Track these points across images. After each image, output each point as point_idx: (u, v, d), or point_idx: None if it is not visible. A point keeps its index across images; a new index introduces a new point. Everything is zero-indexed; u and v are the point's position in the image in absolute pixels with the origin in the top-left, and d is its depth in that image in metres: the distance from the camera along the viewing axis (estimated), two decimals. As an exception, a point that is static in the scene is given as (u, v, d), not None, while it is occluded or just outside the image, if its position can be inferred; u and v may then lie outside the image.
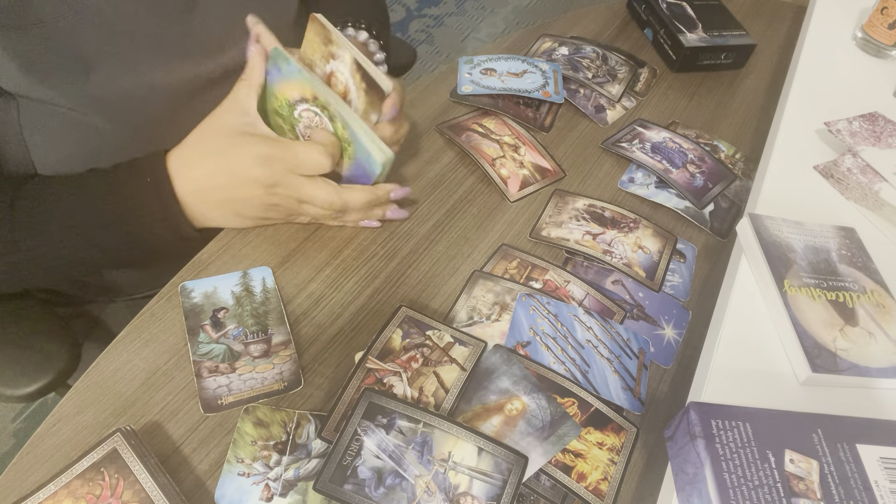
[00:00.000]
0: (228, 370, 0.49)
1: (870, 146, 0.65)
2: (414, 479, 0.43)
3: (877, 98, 0.73)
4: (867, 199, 0.61)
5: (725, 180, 0.70)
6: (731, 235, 0.66)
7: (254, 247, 0.58)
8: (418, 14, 2.27)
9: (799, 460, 0.39)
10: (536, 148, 0.71)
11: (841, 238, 0.55)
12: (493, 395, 0.49)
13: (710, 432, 0.40)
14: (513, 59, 0.79)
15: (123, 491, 0.42)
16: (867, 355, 0.47)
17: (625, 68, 0.82)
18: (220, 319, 0.52)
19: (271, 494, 0.43)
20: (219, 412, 0.48)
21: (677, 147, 0.72)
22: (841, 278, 0.52)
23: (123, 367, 0.50)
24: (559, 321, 0.55)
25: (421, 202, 0.65)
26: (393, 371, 0.49)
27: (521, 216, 0.65)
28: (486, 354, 0.51)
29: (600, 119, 0.76)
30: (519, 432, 0.47)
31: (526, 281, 0.58)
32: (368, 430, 0.45)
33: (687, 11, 0.87)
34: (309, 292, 0.56)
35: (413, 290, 0.57)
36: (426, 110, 0.74)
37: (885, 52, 0.80)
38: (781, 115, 0.71)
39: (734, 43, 0.83)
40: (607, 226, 0.63)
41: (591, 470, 0.47)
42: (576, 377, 0.52)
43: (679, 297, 0.60)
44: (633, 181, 0.69)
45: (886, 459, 0.41)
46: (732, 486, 0.38)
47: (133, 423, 0.47)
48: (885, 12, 0.77)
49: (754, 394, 0.45)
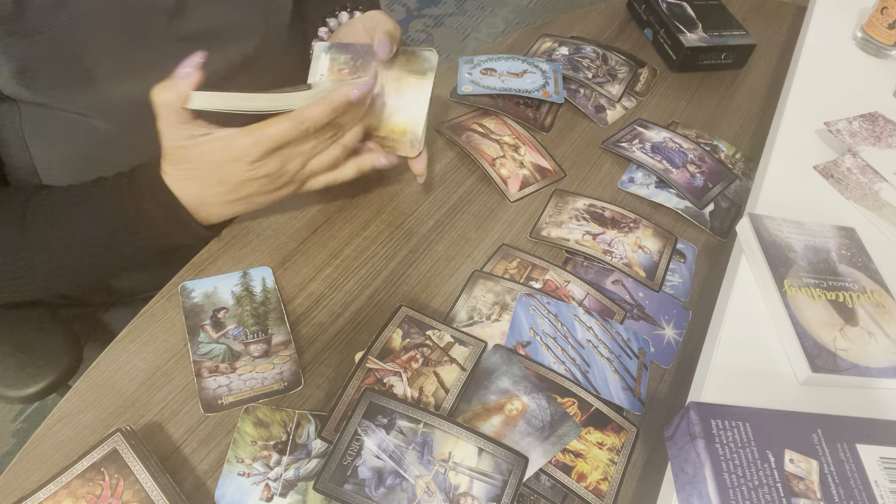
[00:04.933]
0: (228, 370, 0.49)
1: (870, 146, 0.64)
2: (414, 479, 0.43)
3: (877, 98, 0.73)
4: (867, 199, 0.61)
5: (725, 180, 0.70)
6: (731, 235, 0.66)
7: (254, 247, 0.58)
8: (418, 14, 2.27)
9: (799, 460, 0.39)
10: (536, 148, 0.71)
11: (841, 238, 0.55)
12: (494, 395, 0.49)
13: (709, 432, 0.40)
14: (513, 59, 0.79)
15: (123, 491, 0.42)
16: (867, 355, 0.47)
17: (625, 68, 0.82)
18: (220, 319, 0.52)
19: (271, 494, 0.43)
20: (219, 412, 0.48)
21: (677, 147, 0.72)
22: (841, 278, 0.52)
23: (123, 367, 0.50)
24: (559, 321, 0.55)
25: (421, 202, 0.65)
26: (393, 371, 0.49)
27: (522, 216, 0.65)
28: (486, 354, 0.51)
29: (600, 119, 0.76)
30: (519, 432, 0.47)
31: (526, 281, 0.58)
32: (369, 430, 0.45)
33: (687, 11, 0.87)
34: (309, 292, 0.56)
35: (413, 289, 0.57)
36: (426, 110, 0.74)
37: (885, 52, 0.80)
38: (781, 115, 0.71)
39: (734, 43, 0.83)
40: (607, 226, 0.63)
41: (592, 470, 0.47)
42: (576, 377, 0.52)
43: (679, 297, 0.60)
44: (633, 181, 0.69)
45: (886, 459, 0.41)
46: (732, 486, 0.38)
47: (133, 423, 0.47)
48: (885, 12, 0.77)
49: (754, 394, 0.45)
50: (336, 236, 0.60)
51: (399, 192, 0.65)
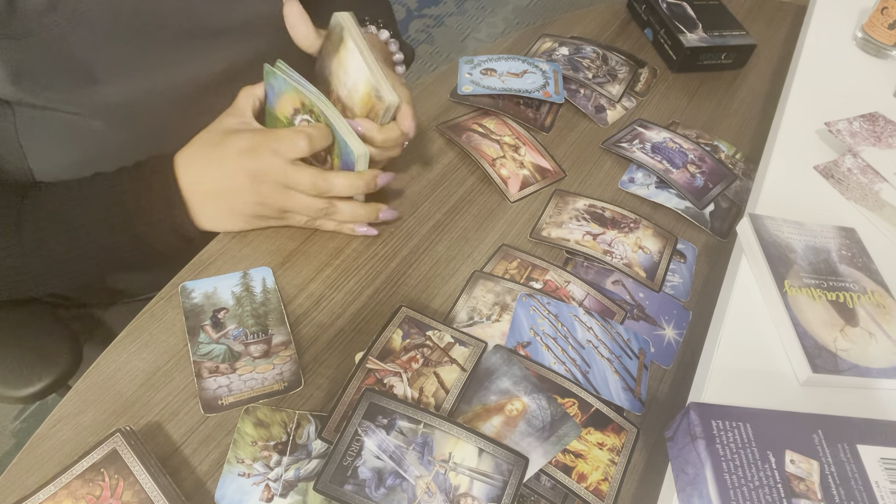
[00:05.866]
0: (229, 370, 0.49)
1: (870, 146, 0.64)
2: (414, 479, 0.43)
3: (877, 98, 0.73)
4: (867, 199, 0.61)
5: (725, 180, 0.70)
6: (732, 235, 0.66)
7: (254, 247, 0.58)
8: (418, 14, 2.27)
9: (799, 461, 0.39)
10: (536, 148, 0.71)
11: (841, 238, 0.55)
12: (494, 395, 0.49)
13: (710, 433, 0.40)
14: (513, 59, 0.79)
15: (123, 492, 0.42)
16: (867, 356, 0.47)
17: (625, 68, 0.82)
18: (220, 320, 0.52)
19: (271, 495, 0.43)
20: (219, 412, 0.48)
21: (677, 147, 0.72)
22: (841, 279, 0.52)
23: (123, 368, 0.50)
24: (559, 321, 0.55)
25: (421, 202, 0.65)
26: (393, 371, 0.49)
27: (522, 216, 0.64)
28: (487, 355, 0.51)
29: (600, 119, 0.76)
30: (519, 433, 0.47)
31: (526, 281, 0.58)
32: (369, 430, 0.45)
33: (687, 11, 0.87)
34: (309, 292, 0.56)
35: (413, 290, 0.57)
36: (426, 110, 0.74)
37: (885, 52, 0.80)
38: (781, 115, 0.71)
39: (734, 43, 0.83)
40: (607, 226, 0.63)
41: (592, 470, 0.47)
42: (576, 377, 0.52)
43: (679, 297, 0.60)
44: (633, 181, 0.69)
45: (887, 460, 0.41)
46: (733, 487, 0.38)
47: (133, 423, 0.47)
48: (885, 12, 0.77)
49: (755, 394, 0.45)
50: (336, 236, 0.60)
51: (399, 192, 0.65)
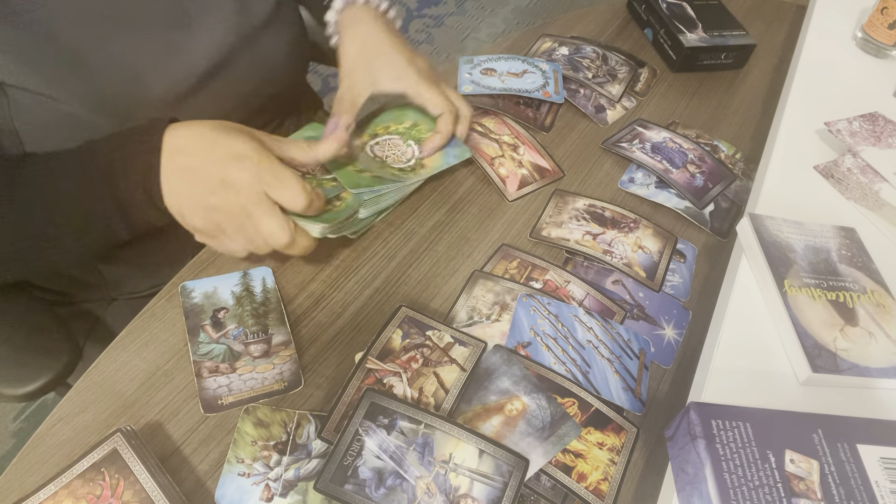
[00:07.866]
0: (229, 370, 0.49)
1: (870, 146, 0.65)
2: (415, 480, 0.43)
3: (877, 98, 0.73)
4: (867, 199, 0.61)
5: (725, 180, 0.70)
6: (732, 235, 0.66)
7: (254, 247, 0.58)
8: (418, 14, 2.27)
9: (799, 460, 0.39)
10: (535, 147, 0.71)
11: (841, 238, 0.55)
12: (494, 395, 0.49)
13: (710, 432, 0.40)
14: (513, 59, 0.79)
15: (124, 491, 0.42)
16: (867, 355, 0.47)
17: (625, 68, 0.82)
18: (220, 319, 0.52)
19: (271, 495, 0.43)
20: (219, 412, 0.48)
21: (677, 147, 0.72)
22: (841, 278, 0.52)
23: (124, 367, 0.50)
24: (560, 321, 0.55)
25: (421, 202, 0.65)
26: (393, 371, 0.49)
27: (522, 216, 0.64)
28: (486, 355, 0.51)
29: (600, 119, 0.76)
30: (519, 433, 0.47)
31: (526, 281, 0.58)
32: (370, 430, 0.45)
33: (687, 11, 0.87)
34: (309, 292, 0.56)
35: (413, 290, 0.57)
36: (426, 110, 0.74)
37: (885, 52, 0.80)
38: (781, 115, 0.71)
39: (734, 43, 0.83)
40: (607, 226, 0.63)
41: (592, 470, 0.47)
42: (576, 377, 0.52)
43: (679, 297, 0.60)
44: (633, 181, 0.69)
45: (887, 459, 0.41)
46: (733, 487, 0.38)
47: (133, 423, 0.47)
48: (885, 12, 0.77)
49: (754, 394, 0.45)
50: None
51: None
